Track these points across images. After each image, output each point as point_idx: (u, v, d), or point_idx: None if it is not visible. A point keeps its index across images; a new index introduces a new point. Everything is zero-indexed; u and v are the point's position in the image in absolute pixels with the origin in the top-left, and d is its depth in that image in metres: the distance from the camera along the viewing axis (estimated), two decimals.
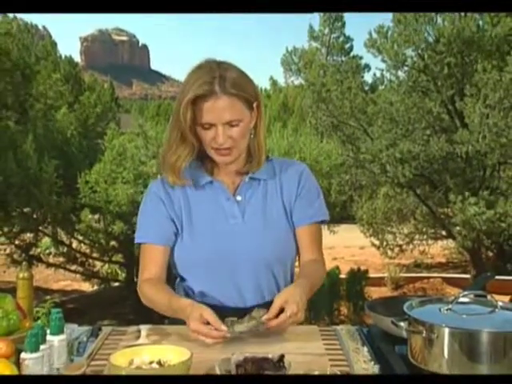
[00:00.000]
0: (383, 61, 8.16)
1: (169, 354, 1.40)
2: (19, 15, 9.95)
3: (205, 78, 1.68)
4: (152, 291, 1.78)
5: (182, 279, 1.87)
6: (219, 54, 1.80)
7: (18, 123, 8.40)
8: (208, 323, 1.56)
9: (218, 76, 1.68)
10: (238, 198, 1.83)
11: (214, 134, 1.71)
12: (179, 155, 1.77)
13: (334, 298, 7.93)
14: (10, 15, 8.59)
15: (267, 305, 1.64)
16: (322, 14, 15.34)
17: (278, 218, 1.83)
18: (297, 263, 1.89)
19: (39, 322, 1.68)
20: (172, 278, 1.88)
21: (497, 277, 1.93)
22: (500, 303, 1.44)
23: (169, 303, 1.70)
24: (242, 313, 1.68)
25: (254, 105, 1.76)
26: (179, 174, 1.79)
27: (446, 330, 1.32)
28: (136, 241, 1.87)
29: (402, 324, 1.42)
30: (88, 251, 8.56)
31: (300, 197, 1.85)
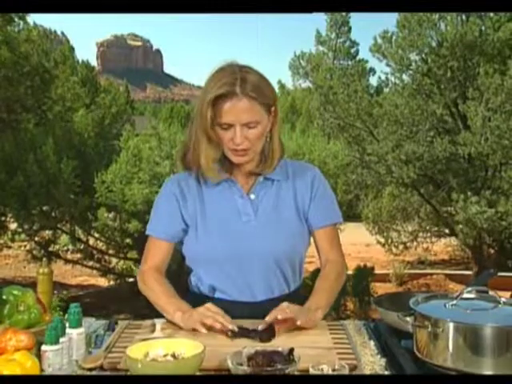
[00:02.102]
0: (388, 65, 8.28)
1: (182, 347, 1.42)
2: (39, 21, 10.23)
3: (226, 79, 1.71)
4: (155, 282, 1.85)
5: (194, 273, 1.93)
6: (231, 58, 1.79)
7: (37, 125, 8.59)
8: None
9: (240, 78, 1.71)
10: (252, 196, 1.86)
11: (232, 134, 1.73)
12: (207, 155, 1.80)
13: (341, 293, 7.98)
14: (31, 22, 8.80)
15: (276, 300, 1.74)
16: (328, 19, 15.48)
17: (290, 217, 1.86)
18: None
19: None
20: (183, 272, 2.05)
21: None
22: (503, 299, 1.45)
23: (168, 299, 1.78)
24: (252, 307, 1.80)
25: (272, 109, 1.80)
26: (213, 171, 1.84)
27: (451, 325, 1.34)
28: (146, 232, 1.94)
29: (407, 319, 1.44)
30: (104, 248, 8.63)
31: (314, 201, 1.88)
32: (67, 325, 1.50)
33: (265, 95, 1.75)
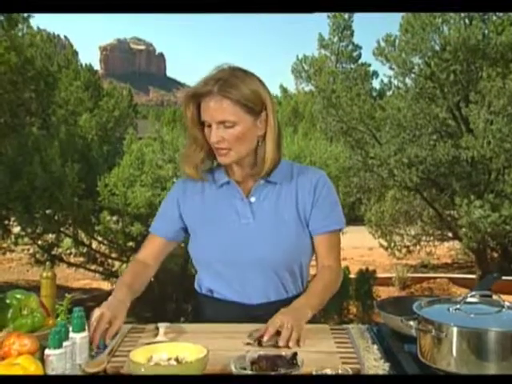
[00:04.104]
0: (391, 68, 8.26)
1: (186, 351, 1.41)
2: (42, 25, 10.26)
3: (209, 80, 1.74)
4: (127, 270, 1.92)
5: (197, 273, 1.96)
6: (232, 62, 1.80)
7: (41, 129, 8.65)
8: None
9: (223, 78, 1.72)
10: (252, 199, 1.85)
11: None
12: (187, 154, 1.86)
13: (344, 297, 7.98)
14: (34, 27, 8.85)
15: (273, 304, 1.74)
16: (331, 23, 15.48)
17: (290, 221, 1.83)
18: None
19: (59, 319, 1.71)
20: (185, 274, 2.05)
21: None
22: (507, 303, 1.44)
23: (118, 287, 1.80)
24: (248, 309, 1.81)
25: (262, 114, 1.78)
26: (196, 169, 1.86)
27: (455, 329, 1.33)
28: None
29: (411, 323, 1.44)
30: (107, 251, 8.63)
31: (316, 206, 1.84)
32: (70, 329, 1.49)
33: (247, 98, 1.73)
